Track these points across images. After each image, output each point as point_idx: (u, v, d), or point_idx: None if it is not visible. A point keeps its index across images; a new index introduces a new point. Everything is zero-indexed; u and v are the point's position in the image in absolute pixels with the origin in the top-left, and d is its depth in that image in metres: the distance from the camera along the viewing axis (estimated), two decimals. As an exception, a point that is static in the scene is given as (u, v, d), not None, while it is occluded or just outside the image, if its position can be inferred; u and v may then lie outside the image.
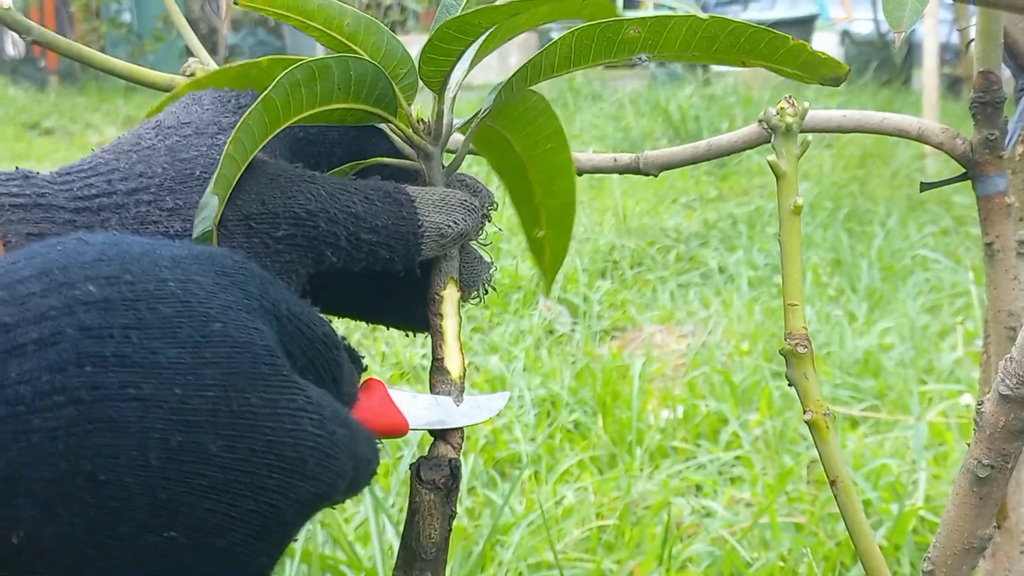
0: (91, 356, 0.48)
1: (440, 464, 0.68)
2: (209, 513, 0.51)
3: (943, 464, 2.53)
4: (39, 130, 10.05)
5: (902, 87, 10.97)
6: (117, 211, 0.61)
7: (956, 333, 3.51)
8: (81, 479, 0.48)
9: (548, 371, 3.26)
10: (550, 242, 0.81)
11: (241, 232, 0.62)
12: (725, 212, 5.52)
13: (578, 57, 0.69)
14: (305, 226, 0.63)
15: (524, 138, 0.75)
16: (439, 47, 0.67)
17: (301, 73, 0.63)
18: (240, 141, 0.61)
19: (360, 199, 0.66)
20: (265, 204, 0.63)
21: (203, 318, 0.51)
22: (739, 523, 2.28)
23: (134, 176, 0.62)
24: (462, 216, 0.70)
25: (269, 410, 0.52)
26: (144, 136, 0.66)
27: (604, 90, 10.72)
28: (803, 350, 0.74)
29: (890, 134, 1.01)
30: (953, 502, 0.73)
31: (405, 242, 0.67)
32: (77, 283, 0.49)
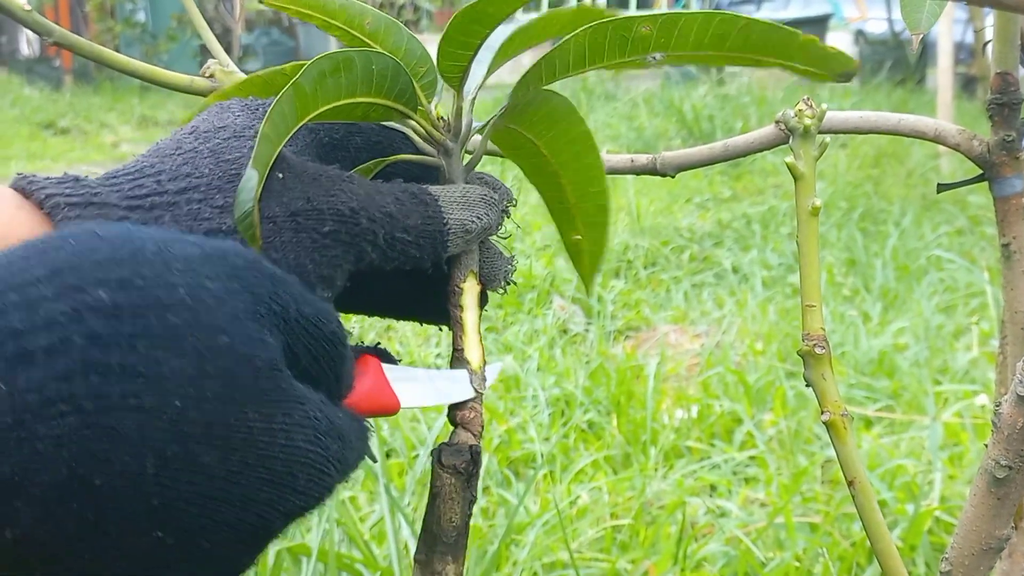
0: (97, 366, 0.48)
1: (461, 450, 0.70)
2: (197, 519, 0.52)
3: (958, 465, 2.53)
4: (54, 129, 10.07)
5: (916, 87, 10.94)
6: (169, 208, 0.62)
7: (971, 333, 3.50)
8: (78, 483, 0.48)
9: (562, 371, 3.27)
10: (587, 246, 0.82)
11: (290, 227, 0.63)
12: (739, 212, 5.51)
13: (593, 55, 0.69)
14: (348, 223, 0.65)
15: (550, 141, 0.76)
16: (456, 39, 0.68)
17: (327, 63, 0.65)
18: (274, 121, 0.63)
19: (392, 200, 0.68)
20: (311, 201, 0.64)
21: (210, 329, 0.52)
22: (754, 523, 2.28)
23: (182, 176, 0.64)
24: (484, 211, 0.72)
25: (265, 425, 0.53)
26: (184, 141, 0.67)
27: (618, 90, 10.71)
28: (821, 351, 0.74)
29: (907, 135, 1.01)
30: (971, 503, 0.73)
31: (433, 240, 0.69)
32: (88, 287, 0.50)
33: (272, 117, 0.62)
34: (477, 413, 0.72)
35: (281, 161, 0.65)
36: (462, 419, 0.71)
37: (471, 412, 0.72)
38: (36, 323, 0.48)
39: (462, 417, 0.72)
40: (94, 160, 8.27)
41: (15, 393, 0.47)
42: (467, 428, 0.71)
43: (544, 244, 4.64)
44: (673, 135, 8.00)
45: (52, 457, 0.48)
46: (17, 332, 0.48)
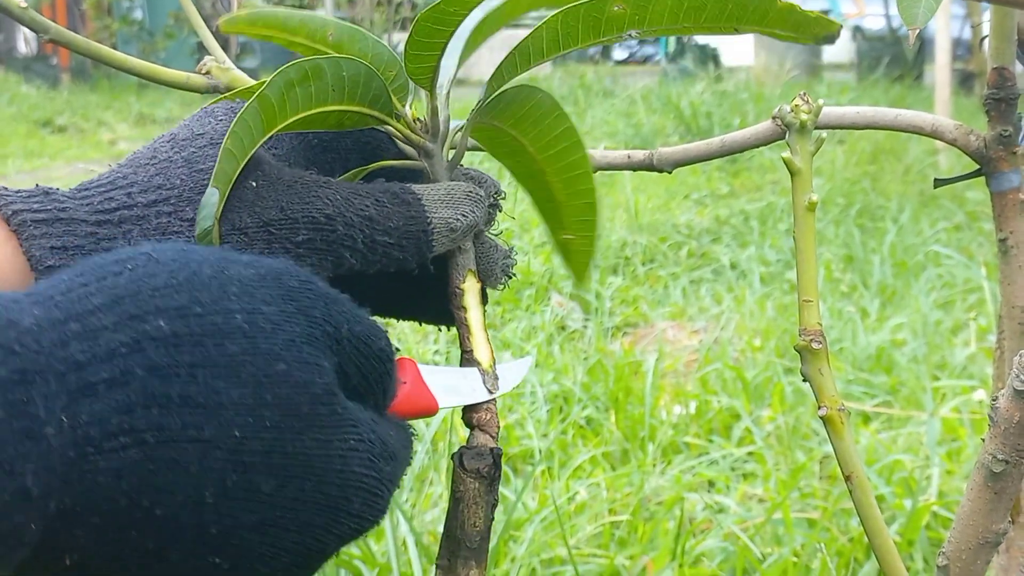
0: (158, 397, 0.49)
1: (482, 453, 0.69)
2: (255, 544, 0.52)
3: (956, 460, 2.53)
4: (51, 127, 10.07)
5: (914, 83, 10.94)
6: (138, 223, 0.62)
7: (969, 329, 3.51)
8: (138, 513, 0.49)
9: (560, 367, 3.27)
10: (576, 244, 0.81)
11: (262, 238, 0.63)
12: (737, 208, 5.51)
13: (567, 39, 0.69)
14: (324, 230, 0.64)
15: (535, 139, 0.75)
16: (420, 42, 0.67)
17: (294, 72, 0.64)
18: (238, 136, 0.62)
19: (372, 202, 0.67)
20: (284, 210, 0.64)
21: (267, 356, 0.52)
22: (752, 519, 2.28)
23: (153, 188, 0.63)
24: (469, 208, 0.71)
25: (322, 452, 0.54)
26: (160, 150, 0.67)
27: (615, 86, 10.72)
28: (818, 346, 0.74)
29: (904, 130, 1.01)
30: (968, 497, 0.73)
31: (416, 241, 0.68)
32: (148, 316, 0.50)
33: (235, 131, 0.62)
34: (493, 414, 0.71)
35: (255, 168, 0.65)
36: (479, 421, 0.71)
37: (487, 414, 0.71)
38: (97, 354, 0.48)
39: (478, 419, 0.71)
40: (91, 158, 8.26)
41: (78, 427, 0.47)
42: (484, 430, 0.71)
43: (541, 241, 4.64)
44: (671, 132, 7.99)
45: (113, 488, 0.48)
46: (79, 364, 0.48)
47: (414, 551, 1.98)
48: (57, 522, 0.47)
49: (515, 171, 0.79)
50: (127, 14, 15.23)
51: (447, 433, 2.56)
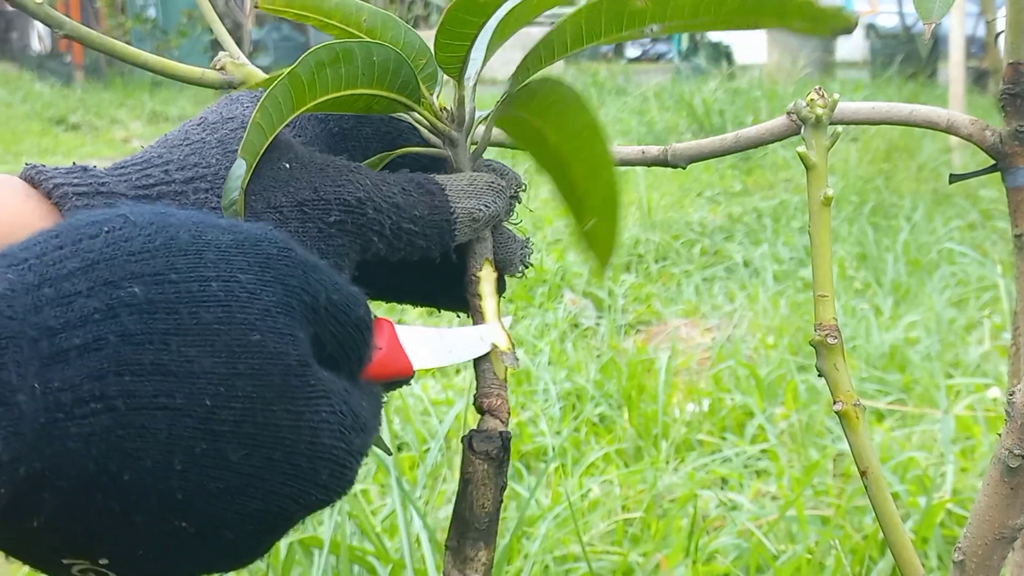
0: (130, 364, 0.49)
1: (491, 436, 0.70)
2: (220, 511, 0.52)
3: (970, 457, 2.52)
4: (65, 125, 10.10)
5: (928, 80, 10.91)
6: (176, 198, 0.63)
7: (983, 327, 3.50)
8: (106, 478, 0.49)
9: (573, 364, 3.27)
10: (598, 236, 0.81)
11: (296, 217, 0.64)
12: (750, 206, 5.50)
13: (590, 33, 0.70)
14: (355, 213, 0.65)
15: (558, 131, 0.76)
16: (451, 31, 0.68)
17: (326, 54, 0.65)
18: (267, 110, 0.63)
19: (399, 190, 0.68)
20: (317, 191, 0.65)
21: (242, 326, 0.52)
22: (766, 516, 2.28)
23: (189, 166, 0.64)
24: (492, 199, 0.72)
25: (293, 423, 0.54)
26: (191, 132, 0.68)
27: (628, 84, 10.71)
28: (833, 341, 0.74)
29: (919, 126, 1.01)
30: (984, 492, 0.73)
31: (440, 230, 0.69)
32: (123, 282, 0.50)
33: (264, 105, 0.63)
34: (503, 400, 0.72)
35: (288, 151, 0.66)
36: (489, 406, 0.72)
37: (497, 399, 0.72)
38: (71, 321, 0.48)
39: (489, 404, 0.72)
40: (105, 155, 8.28)
41: (49, 393, 0.47)
42: (495, 415, 0.72)
43: (555, 238, 4.64)
44: (684, 129, 7.99)
45: (82, 453, 0.48)
46: (52, 330, 0.48)
47: (427, 547, 1.98)
48: (26, 485, 0.47)
49: (539, 161, 0.80)
50: (140, 12, 15.27)
51: (460, 430, 2.56)
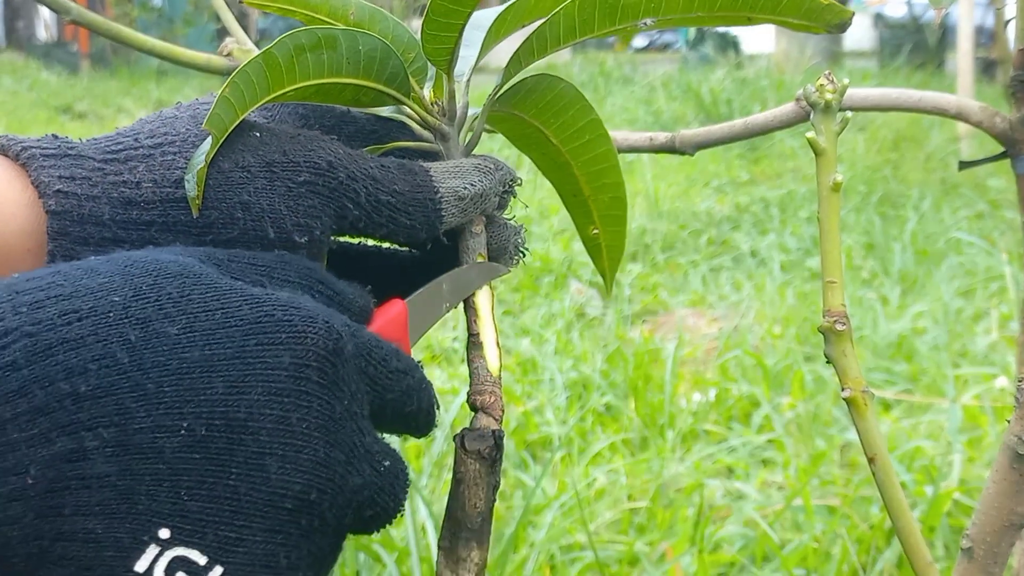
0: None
1: (484, 435, 0.69)
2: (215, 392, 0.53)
3: (978, 447, 2.52)
4: (71, 114, 10.11)
5: (936, 70, 10.89)
6: (144, 160, 0.63)
7: (991, 317, 3.49)
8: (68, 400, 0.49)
9: (579, 354, 3.26)
10: (605, 239, 0.80)
11: (264, 176, 0.64)
12: (757, 196, 5.50)
13: (583, 26, 0.69)
14: (326, 176, 0.65)
15: (559, 130, 0.75)
16: (438, 21, 0.67)
17: (306, 37, 0.64)
18: (237, 86, 0.62)
19: (376, 165, 0.67)
20: (286, 154, 0.65)
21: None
22: (772, 506, 2.27)
23: (159, 135, 0.65)
24: (477, 178, 0.71)
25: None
26: (165, 112, 0.69)
27: (635, 73, 10.70)
28: (842, 327, 0.73)
29: (928, 112, 1.01)
30: (992, 479, 0.72)
31: (424, 208, 0.68)
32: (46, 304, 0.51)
33: (235, 81, 0.62)
34: (497, 397, 0.71)
35: (259, 125, 0.66)
36: (482, 404, 0.70)
37: (491, 396, 0.70)
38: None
39: (482, 402, 0.70)
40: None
41: None
42: (488, 412, 0.70)
43: (561, 228, 4.63)
44: (691, 119, 7.98)
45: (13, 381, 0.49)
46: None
47: (432, 535, 1.98)
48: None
49: (540, 164, 0.78)
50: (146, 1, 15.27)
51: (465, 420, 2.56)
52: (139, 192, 0.62)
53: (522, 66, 0.72)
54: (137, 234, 0.61)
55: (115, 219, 0.61)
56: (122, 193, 0.62)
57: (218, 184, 0.63)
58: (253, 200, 0.63)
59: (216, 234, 0.62)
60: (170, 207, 0.62)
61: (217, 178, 0.63)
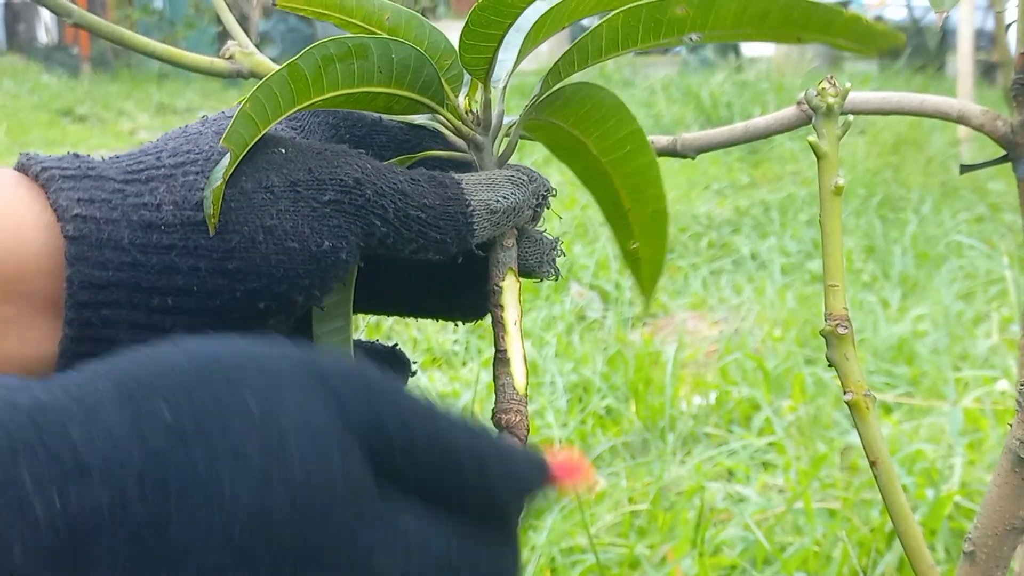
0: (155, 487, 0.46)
1: None
2: None
3: (979, 450, 2.52)
4: (72, 117, 10.10)
5: (936, 73, 10.89)
6: (165, 180, 0.62)
7: (991, 320, 3.49)
8: None
9: (580, 357, 3.27)
10: (644, 253, 0.78)
11: (288, 196, 0.62)
12: (757, 199, 5.50)
13: (626, 39, 0.67)
14: (352, 193, 0.63)
15: (599, 140, 0.73)
16: (477, 32, 0.66)
17: (335, 48, 0.63)
18: (259, 100, 0.61)
19: (406, 179, 0.66)
20: (312, 172, 0.63)
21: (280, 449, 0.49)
22: (772, 509, 2.27)
23: (182, 153, 0.63)
24: (510, 191, 0.69)
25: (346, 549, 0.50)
26: (191, 127, 0.67)
27: (635, 76, 10.70)
28: (844, 331, 0.73)
29: (930, 115, 1.01)
30: (995, 482, 0.72)
31: (455, 222, 0.67)
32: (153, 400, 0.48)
33: (256, 96, 0.60)
34: (523, 416, 0.68)
35: (285, 141, 0.65)
36: (508, 423, 0.68)
37: (516, 415, 0.68)
38: (95, 437, 0.46)
39: (508, 421, 0.68)
40: (112, 147, 8.28)
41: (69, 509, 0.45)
42: (514, 432, 0.68)
43: (561, 232, 4.63)
44: (691, 122, 7.98)
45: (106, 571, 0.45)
46: (74, 445, 0.46)
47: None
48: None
49: (580, 174, 0.76)
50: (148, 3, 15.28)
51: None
52: (159, 215, 0.60)
53: (561, 77, 0.71)
54: (157, 258, 0.60)
55: (135, 243, 0.59)
56: (142, 216, 0.60)
57: (240, 206, 0.61)
58: (276, 223, 0.61)
59: (239, 260, 0.61)
60: (190, 230, 0.61)
61: (240, 200, 0.61)
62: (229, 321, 0.62)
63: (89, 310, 0.59)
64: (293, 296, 0.63)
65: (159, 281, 0.60)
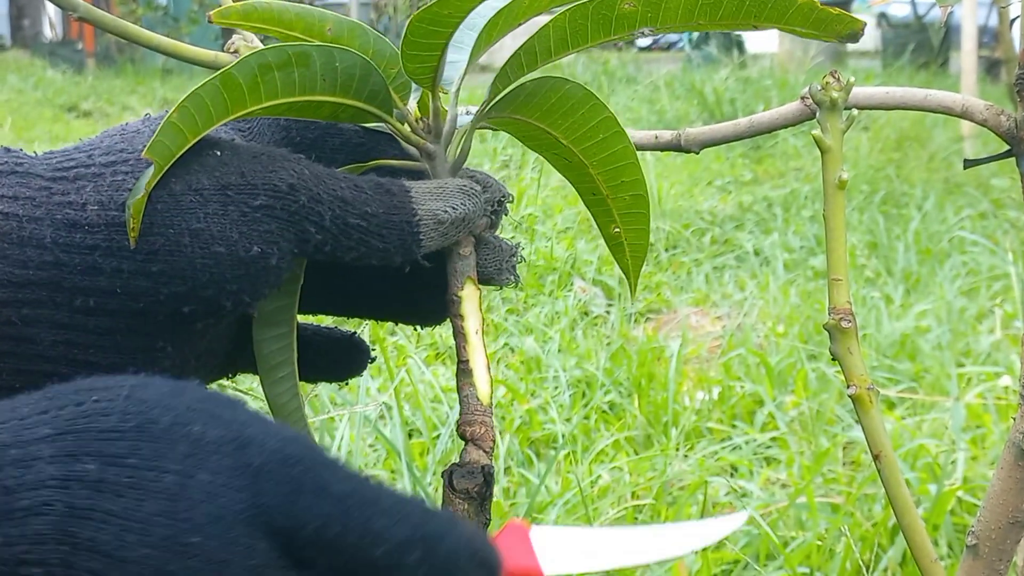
0: (69, 536, 0.48)
1: (473, 471, 0.66)
2: None
3: (981, 446, 2.52)
4: (77, 112, 10.11)
5: (939, 70, 10.89)
6: (93, 180, 0.61)
7: (994, 316, 3.49)
8: None
9: (583, 352, 3.27)
10: (628, 238, 0.77)
11: (217, 200, 0.61)
12: (760, 195, 5.49)
13: (576, 38, 0.66)
14: (285, 199, 0.62)
15: (568, 131, 0.72)
16: (417, 42, 0.65)
17: (273, 56, 0.61)
18: (187, 110, 0.60)
19: (348, 185, 0.64)
20: (244, 176, 0.62)
21: (183, 524, 0.50)
22: (775, 503, 2.28)
23: (114, 151, 0.63)
24: (460, 201, 0.67)
25: None
26: (130, 125, 0.66)
27: (639, 73, 10.70)
28: (847, 324, 0.74)
29: (934, 111, 1.01)
30: (998, 476, 0.73)
31: (400, 231, 0.65)
32: (83, 456, 0.50)
33: (185, 105, 0.59)
34: (488, 427, 0.67)
35: (221, 143, 0.63)
36: (472, 435, 0.67)
37: (481, 427, 0.67)
38: (26, 483, 0.48)
39: (472, 433, 0.67)
40: (116, 142, 8.28)
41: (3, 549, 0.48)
42: (478, 445, 0.67)
43: (565, 227, 4.63)
44: (695, 118, 7.97)
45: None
46: (7, 489, 0.48)
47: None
48: None
49: (554, 163, 0.75)
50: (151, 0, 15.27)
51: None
52: (84, 214, 0.60)
53: (511, 81, 0.69)
54: (80, 258, 0.59)
55: (57, 242, 0.59)
56: (67, 215, 0.59)
57: (167, 208, 0.60)
58: (203, 227, 0.60)
59: (163, 262, 0.60)
60: (115, 231, 0.60)
61: (167, 201, 0.60)
62: (154, 323, 0.61)
63: (9, 308, 0.58)
64: (220, 301, 0.62)
65: (82, 281, 0.59)
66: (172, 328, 0.62)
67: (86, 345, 0.60)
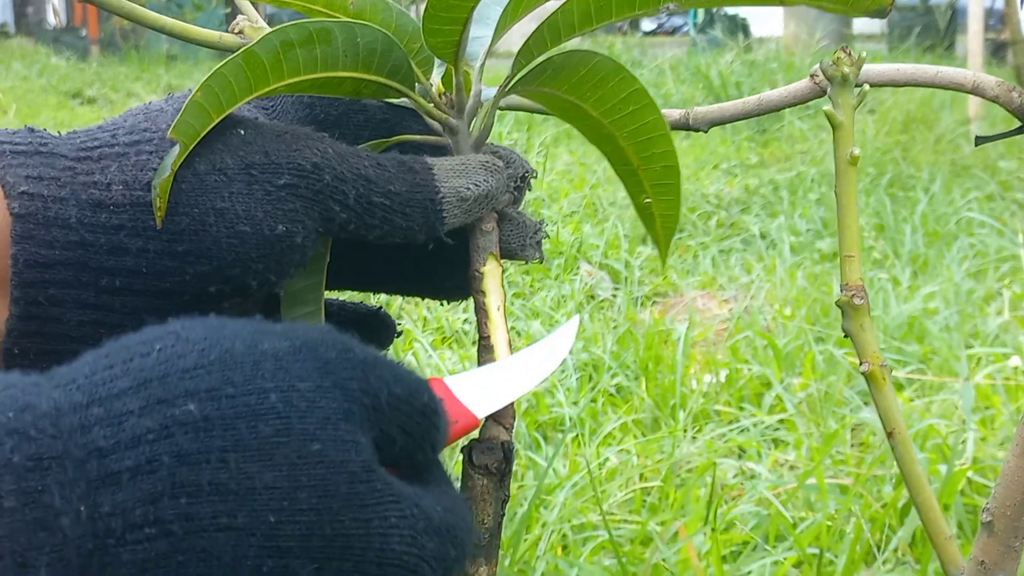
0: (186, 486, 0.47)
1: (493, 447, 0.66)
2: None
3: (991, 426, 2.52)
4: (81, 99, 10.10)
5: (945, 52, 10.85)
6: (117, 159, 0.61)
7: (1002, 297, 3.48)
8: None
9: (590, 336, 3.26)
10: (658, 209, 0.78)
11: (241, 179, 0.61)
12: (766, 178, 5.48)
13: (600, 12, 0.66)
14: (309, 178, 0.62)
15: (598, 103, 0.72)
16: (439, 16, 0.64)
17: (296, 33, 0.62)
18: (211, 89, 0.60)
19: (372, 163, 0.65)
20: (268, 155, 0.62)
21: (302, 436, 0.50)
22: (784, 485, 2.27)
23: (138, 131, 0.63)
24: (483, 178, 0.68)
25: (362, 531, 0.51)
26: (153, 104, 0.67)
27: (644, 57, 10.67)
28: (859, 301, 0.73)
29: (944, 87, 1.00)
30: (1013, 452, 0.72)
31: (423, 209, 0.66)
32: (177, 400, 0.48)
33: (209, 84, 0.59)
34: (509, 404, 0.68)
35: (245, 122, 0.63)
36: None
37: None
38: (122, 440, 0.47)
39: None
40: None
41: (98, 518, 0.45)
42: (499, 421, 0.67)
43: (571, 211, 4.63)
44: (700, 102, 7.95)
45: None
46: (101, 451, 0.46)
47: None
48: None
49: (585, 134, 0.75)
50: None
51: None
52: (109, 194, 0.60)
53: (534, 56, 0.69)
54: (106, 238, 0.59)
55: (83, 222, 0.59)
56: (92, 195, 0.60)
57: (192, 188, 0.60)
58: (228, 206, 0.61)
59: (189, 242, 0.60)
60: (139, 211, 0.60)
61: (192, 181, 0.60)
62: (180, 303, 0.61)
63: (35, 289, 0.58)
64: (246, 280, 0.62)
65: (107, 261, 0.59)
66: (198, 308, 0.61)
67: (112, 325, 0.60)
